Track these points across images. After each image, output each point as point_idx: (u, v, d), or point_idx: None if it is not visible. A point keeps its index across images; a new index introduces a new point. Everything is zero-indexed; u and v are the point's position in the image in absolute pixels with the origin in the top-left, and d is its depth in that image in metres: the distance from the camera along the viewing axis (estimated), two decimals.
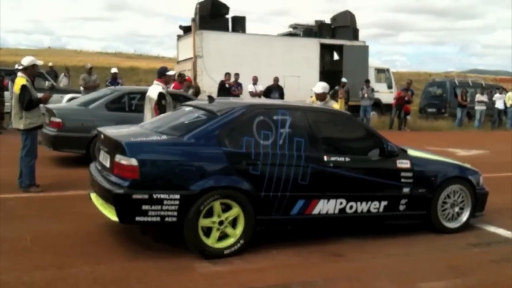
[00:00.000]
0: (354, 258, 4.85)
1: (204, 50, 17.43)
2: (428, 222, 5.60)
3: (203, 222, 4.49)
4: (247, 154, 4.68)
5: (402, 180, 5.33)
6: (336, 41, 20.25)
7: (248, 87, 16.13)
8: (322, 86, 7.68)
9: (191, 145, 4.62)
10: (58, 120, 8.37)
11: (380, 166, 5.32)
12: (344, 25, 20.36)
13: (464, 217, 5.77)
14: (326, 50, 20.98)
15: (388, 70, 22.03)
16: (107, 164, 4.78)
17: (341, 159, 5.03)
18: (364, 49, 20.29)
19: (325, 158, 4.96)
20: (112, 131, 5.11)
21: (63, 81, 18.56)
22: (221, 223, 4.54)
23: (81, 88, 14.61)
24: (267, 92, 16.09)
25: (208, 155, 4.59)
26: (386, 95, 20.23)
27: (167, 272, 4.26)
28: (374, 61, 22.08)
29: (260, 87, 16.39)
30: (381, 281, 4.33)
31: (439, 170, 5.61)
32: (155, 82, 7.69)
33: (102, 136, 5.08)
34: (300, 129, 5.01)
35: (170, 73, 8.26)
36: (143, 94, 8.30)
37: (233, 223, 4.61)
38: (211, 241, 4.53)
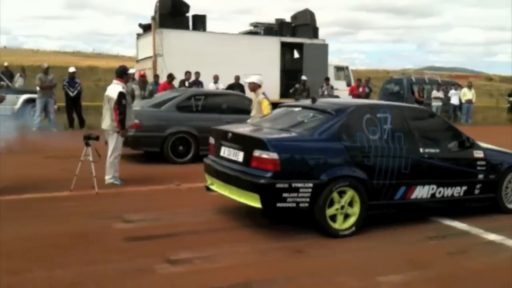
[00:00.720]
0: (315, 254, 4.90)
1: (165, 49, 17.28)
2: (495, 204, 6.54)
3: (329, 211, 5.25)
4: (362, 148, 5.49)
5: (478, 167, 6.28)
6: (296, 39, 20.42)
7: (209, 85, 16.07)
8: (253, 77, 8.37)
9: (319, 141, 5.40)
10: (136, 121, 8.37)
11: (462, 156, 6.23)
12: (304, 24, 20.55)
13: None
14: (286, 49, 21.11)
15: (347, 68, 22.32)
16: (239, 159, 5.47)
17: (433, 150, 5.94)
18: (324, 47, 20.51)
19: (421, 150, 5.84)
20: (243, 129, 5.98)
21: (18, 81, 18.07)
22: (342, 207, 5.31)
23: (37, 88, 14.22)
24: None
25: (333, 149, 5.38)
26: (346, 93, 20.50)
27: (127, 274, 4.20)
28: (333, 59, 22.38)
29: (221, 86, 16.37)
30: (342, 276, 4.39)
31: (504, 159, 6.62)
32: (115, 81, 7.56)
33: (230, 134, 5.70)
34: (399, 124, 5.88)
35: (130, 71, 8.17)
36: (207, 95, 10.64)
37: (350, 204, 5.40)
38: (338, 225, 5.33)
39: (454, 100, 21.78)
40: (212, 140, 6.21)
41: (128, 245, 4.93)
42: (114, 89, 7.38)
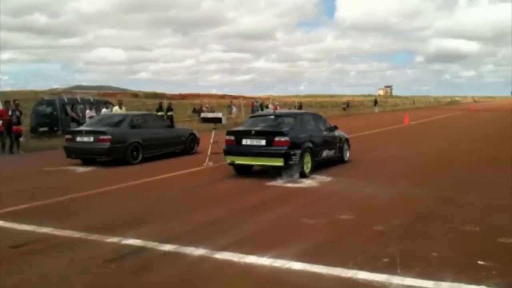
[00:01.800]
0: None
1: None
2: (341, 159, 13.20)
3: (305, 164, 11.00)
4: (310, 134, 11.65)
5: (337, 140, 12.85)
6: None
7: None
8: None
9: (299, 131, 11.24)
10: None
11: (332, 135, 12.71)
12: None
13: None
14: None
15: None
16: (262, 143, 10.70)
17: (325, 133, 12.51)
18: None
19: (323, 133, 12.38)
20: (260, 127, 11.25)
21: None
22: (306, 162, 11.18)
23: None
24: None
25: (303, 135, 11.27)
26: None
27: None
28: None
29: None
30: None
31: (341, 134, 13.30)
32: None
33: (253, 131, 10.93)
34: (315, 122, 12.63)
35: None
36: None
37: None
38: (306, 170, 11.04)
39: None
40: (231, 137, 11.21)
41: None
42: None
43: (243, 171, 11.48)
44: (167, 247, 5.84)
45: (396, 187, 9.70)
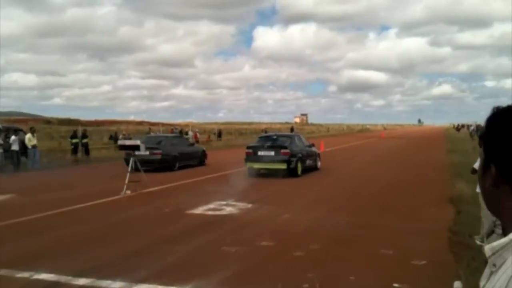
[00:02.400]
0: None
1: None
2: (315, 167, 19.10)
3: (298, 167, 17.31)
4: (299, 147, 18.21)
5: (314, 154, 19.47)
6: None
7: None
8: None
9: (294, 145, 17.60)
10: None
11: (312, 150, 19.23)
12: None
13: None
14: None
15: None
16: (273, 154, 16.65)
17: (308, 148, 19.10)
18: None
19: (305, 148, 18.92)
20: (270, 143, 17.60)
21: None
22: (299, 166, 17.49)
23: None
24: None
25: (296, 148, 17.58)
26: None
27: None
28: None
29: None
30: None
31: (314, 151, 19.77)
32: None
33: (266, 146, 17.18)
34: (300, 141, 19.08)
35: None
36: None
37: None
38: (299, 172, 17.27)
39: (15, 146, 20.88)
40: (250, 150, 17.19)
41: None
42: None
43: (256, 172, 17.35)
44: (82, 281, 5.57)
45: (314, 212, 9.94)
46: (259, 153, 16.81)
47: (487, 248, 1.03)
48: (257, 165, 16.90)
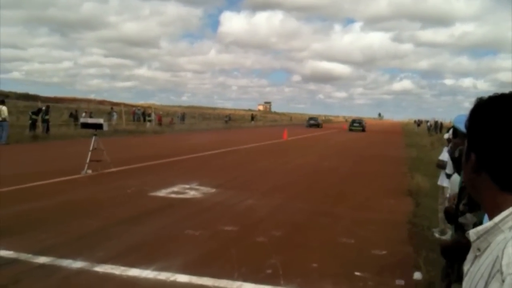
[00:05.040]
0: None
1: None
2: None
3: None
4: None
5: None
6: None
7: None
8: None
9: None
10: None
11: None
12: None
13: None
14: None
15: None
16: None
17: None
18: None
19: None
20: None
21: None
22: None
23: None
24: None
25: None
26: None
27: None
28: None
29: None
30: None
31: None
32: None
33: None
34: None
35: None
36: None
37: None
38: None
39: None
40: None
41: None
42: None
43: None
44: (42, 259, 5.45)
45: (276, 199, 10.02)
46: None
47: (472, 233, 1.08)
48: None
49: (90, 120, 15.04)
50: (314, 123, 68.13)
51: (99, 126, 13.34)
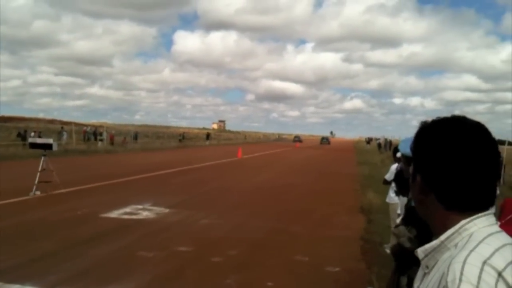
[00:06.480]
0: None
1: None
2: None
3: None
4: None
5: None
6: None
7: None
8: None
9: None
10: None
11: None
12: None
13: None
14: None
15: None
16: None
17: None
18: None
19: None
20: None
21: None
22: None
23: None
24: None
25: None
26: None
27: None
28: None
29: None
30: None
31: None
32: None
33: None
34: None
35: None
36: None
37: None
38: None
39: None
40: None
41: None
42: None
43: None
44: None
45: (232, 218, 10.00)
46: None
47: (420, 251, 1.12)
48: None
49: (39, 140, 14.61)
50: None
51: (48, 146, 12.96)
